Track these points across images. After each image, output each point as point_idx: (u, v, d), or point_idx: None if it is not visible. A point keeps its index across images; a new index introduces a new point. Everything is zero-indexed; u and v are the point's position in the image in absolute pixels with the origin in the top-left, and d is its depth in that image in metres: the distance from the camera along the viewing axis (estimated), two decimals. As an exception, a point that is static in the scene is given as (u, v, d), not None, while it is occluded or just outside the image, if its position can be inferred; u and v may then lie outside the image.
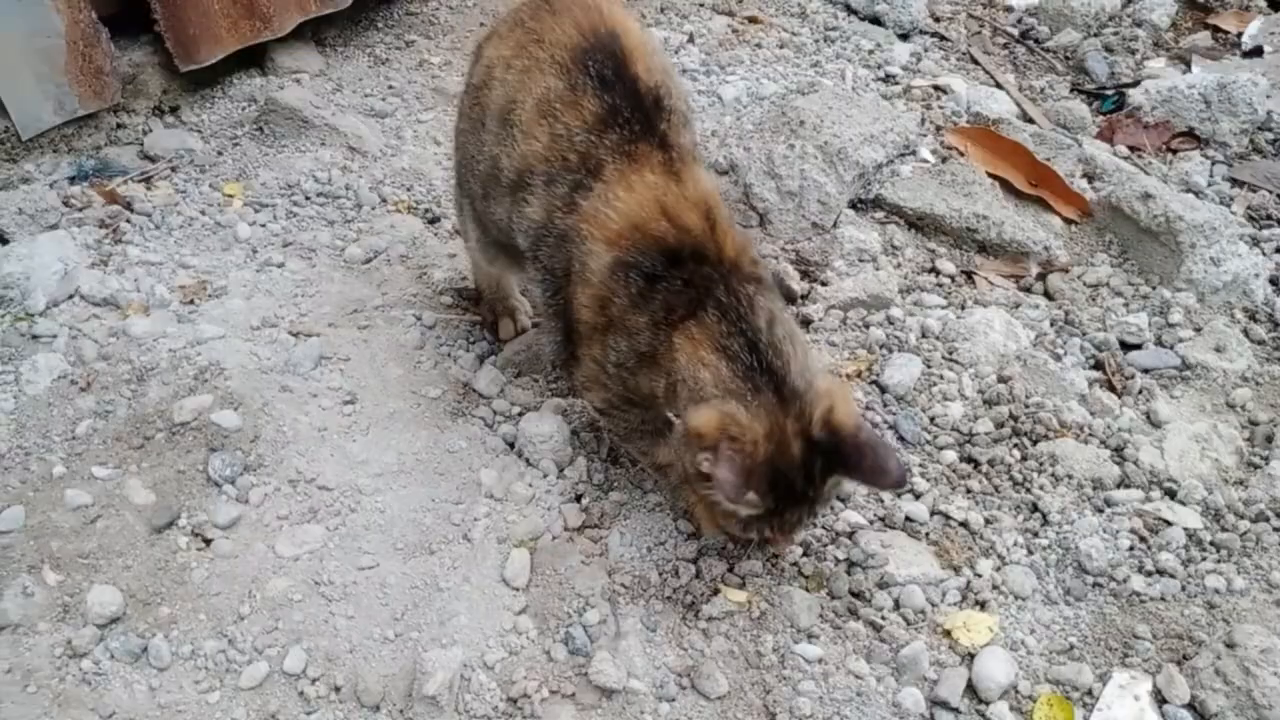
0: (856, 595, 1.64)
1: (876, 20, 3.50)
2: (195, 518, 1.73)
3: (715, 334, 1.47)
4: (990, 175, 2.52)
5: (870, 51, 3.28)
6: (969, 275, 2.37)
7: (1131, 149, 2.86)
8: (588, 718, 1.47)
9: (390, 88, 3.08)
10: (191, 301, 2.16)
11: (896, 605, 1.63)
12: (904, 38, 3.44)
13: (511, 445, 1.89)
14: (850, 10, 3.56)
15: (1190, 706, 1.47)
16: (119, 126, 2.77)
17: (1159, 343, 2.15)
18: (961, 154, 2.62)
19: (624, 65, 1.63)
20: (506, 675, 1.53)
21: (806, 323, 2.20)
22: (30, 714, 1.48)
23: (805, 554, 1.70)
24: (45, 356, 1.95)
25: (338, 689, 1.51)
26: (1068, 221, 2.50)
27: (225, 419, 1.86)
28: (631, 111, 1.60)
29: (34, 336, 2.01)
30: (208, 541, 1.70)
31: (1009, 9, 3.72)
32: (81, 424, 1.85)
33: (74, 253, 2.20)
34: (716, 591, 1.64)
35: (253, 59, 3.06)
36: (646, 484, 1.82)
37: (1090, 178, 2.68)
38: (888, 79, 3.14)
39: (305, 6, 3.09)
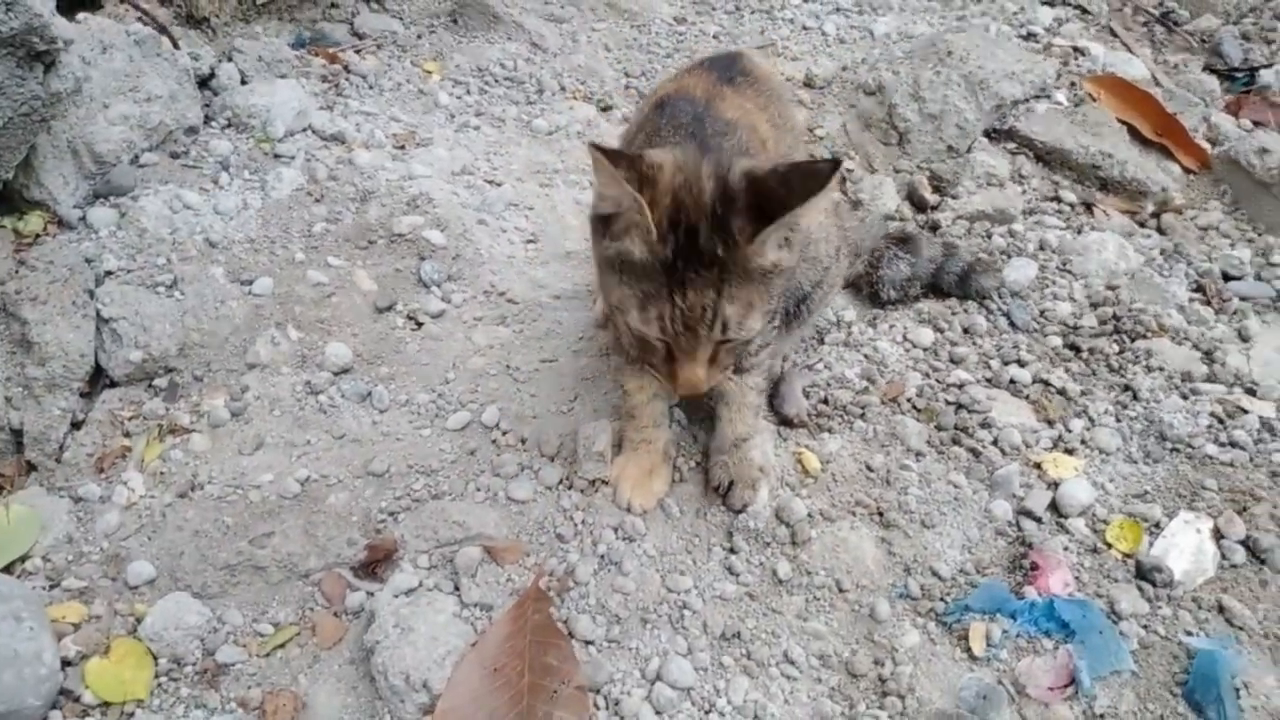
0: (961, 429, 1.90)
1: (1024, -10, 3.69)
2: (410, 305, 2.07)
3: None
4: (1119, 120, 2.73)
5: (1014, 12, 3.48)
6: (1088, 206, 2.58)
7: (1256, 124, 3.01)
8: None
9: None
10: (403, 147, 2.51)
11: (995, 441, 1.88)
12: (1048, 4, 3.62)
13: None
14: (1000, -19, 3.75)
15: (1244, 544, 1.70)
16: (332, 5, 3.13)
17: (1258, 278, 2.35)
18: (1094, 99, 2.83)
19: None
20: (658, 454, 1.83)
21: (934, 228, 2.45)
22: (276, 429, 1.84)
23: (919, 394, 1.97)
24: (286, 170, 2.31)
25: (523, 440, 1.84)
26: (1187, 171, 2.69)
27: (433, 236, 2.20)
28: None
29: (275, 155, 2.38)
30: (419, 324, 2.05)
31: (1152, -10, 3.86)
32: (316, 225, 2.21)
33: (304, 97, 2.56)
34: (846, 417, 1.92)
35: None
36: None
37: (1213, 142, 2.85)
38: (1029, 37, 3.33)
39: (503, -82, 3.42)
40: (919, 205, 2.54)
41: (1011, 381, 2.01)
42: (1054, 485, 1.80)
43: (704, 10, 3.33)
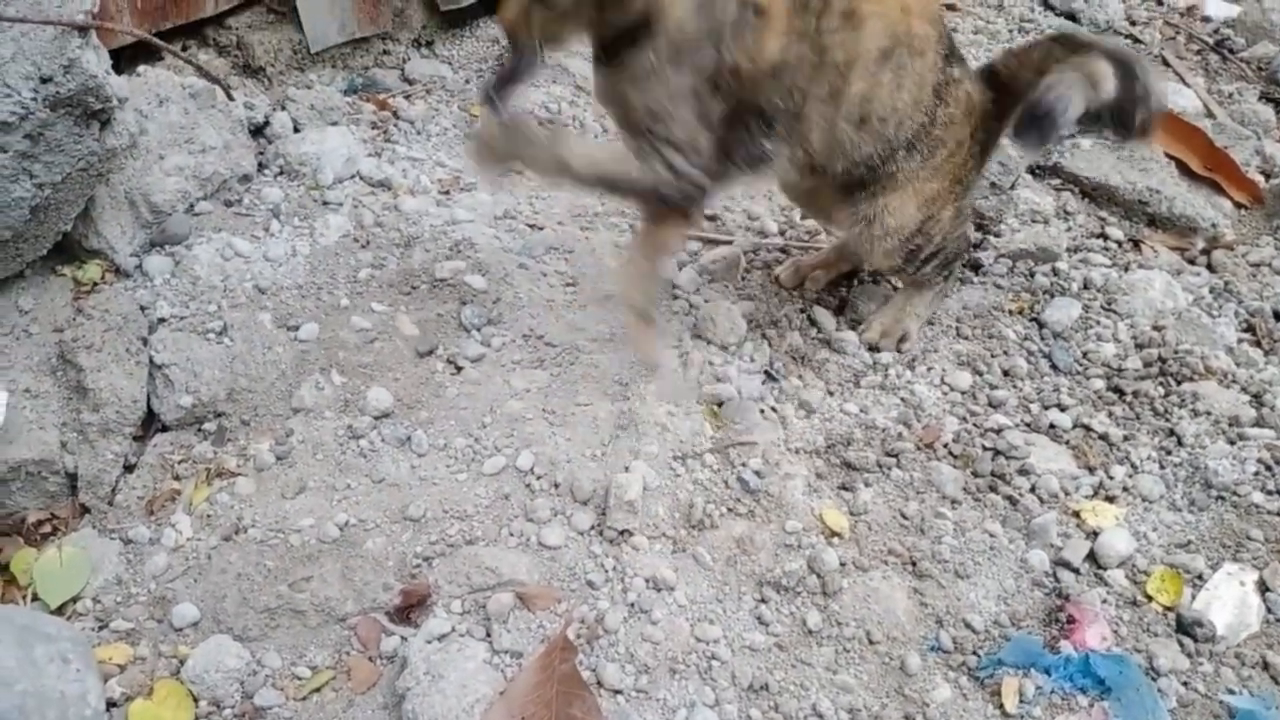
0: (998, 476, 1.88)
1: (1072, 16, 3.65)
2: (450, 349, 2.12)
3: None
4: (1167, 155, 2.68)
5: (1063, 44, 3.45)
6: (1135, 243, 2.54)
7: (1314, 154, 2.94)
8: (756, 527, 1.77)
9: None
10: (447, 192, 2.57)
11: (1033, 488, 1.86)
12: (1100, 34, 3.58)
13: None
14: (1047, 5, 3.72)
15: (1292, 598, 1.66)
16: (385, 52, 3.22)
17: (1313, 317, 2.29)
18: (1141, 134, 2.78)
19: None
20: (687, 497, 1.84)
21: (976, 267, 2.44)
22: (318, 473, 1.89)
23: (956, 439, 1.95)
24: (334, 217, 2.38)
25: (556, 485, 1.86)
26: (1238, 205, 2.64)
27: (475, 281, 2.25)
28: None
29: (324, 202, 2.45)
30: (459, 369, 2.09)
31: (1206, 19, 3.80)
32: (361, 271, 2.27)
33: (354, 144, 2.64)
34: (880, 464, 1.91)
35: (496, 6, 3.48)
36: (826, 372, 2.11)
37: (1267, 174, 2.80)
38: (1076, 69, 3.30)
39: (548, -37, 3.49)
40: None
41: (1051, 426, 1.99)
42: (1093, 534, 1.77)
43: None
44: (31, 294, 2.10)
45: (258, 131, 2.66)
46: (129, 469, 1.91)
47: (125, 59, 2.56)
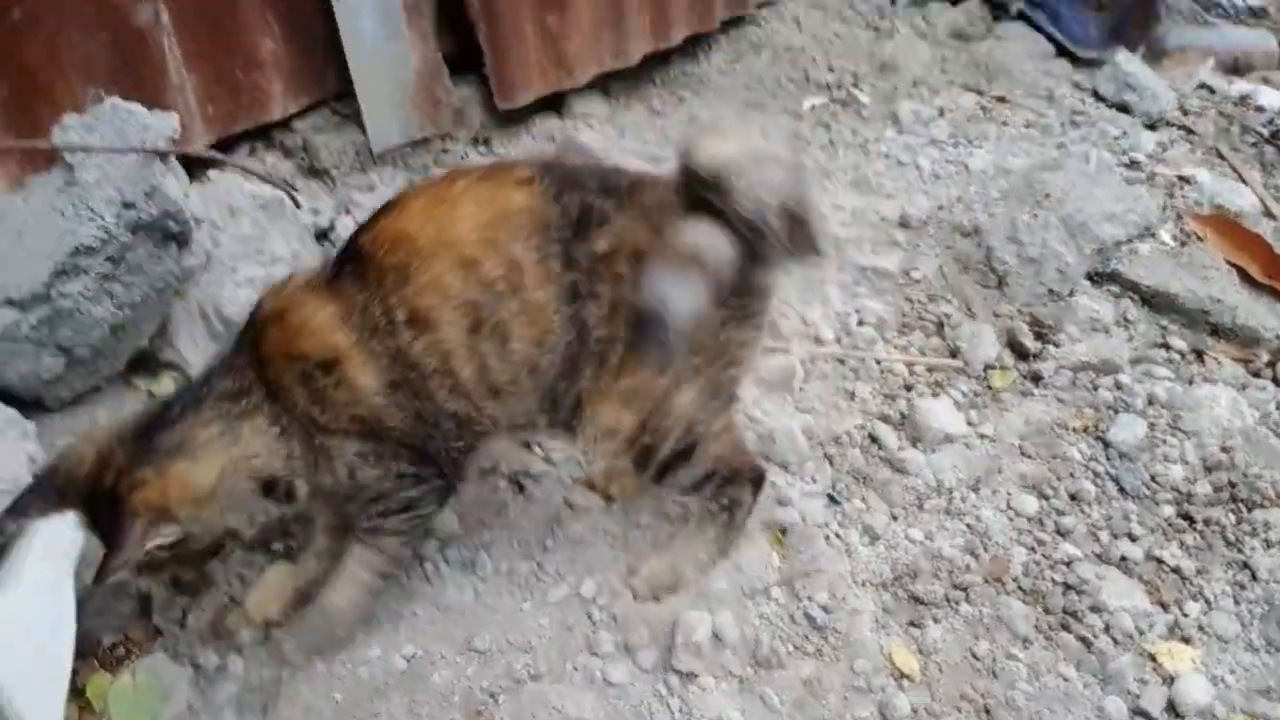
0: (1070, 614, 1.85)
1: (1124, 108, 3.66)
2: (512, 466, 2.13)
3: None
4: (1228, 262, 2.66)
5: (1116, 138, 3.45)
6: (1199, 354, 2.51)
7: (1379, 254, 2.91)
8: (824, 667, 1.75)
9: (666, 137, 3.50)
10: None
11: (1107, 628, 1.83)
12: (1151, 128, 3.58)
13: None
14: (1098, 97, 3.73)
15: (1383, 754, 1.61)
16: (444, 151, 3.29)
17: (1388, 436, 2.24)
18: (1200, 239, 2.77)
19: None
20: (753, 633, 1.82)
21: (1037, 378, 2.42)
22: (385, 598, 1.90)
23: (1025, 572, 1.93)
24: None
25: (615, 618, 1.85)
26: (1303, 315, 2.60)
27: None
28: None
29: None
30: (521, 487, 2.10)
31: (1260, 109, 3.78)
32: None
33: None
34: (948, 599, 1.89)
35: (552, 104, 3.55)
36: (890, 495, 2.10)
37: (1332, 278, 2.76)
38: (1132, 164, 3.29)
39: (601, 61, 3.57)
40: (1020, 353, 2.51)
41: (1123, 558, 1.95)
42: (1170, 680, 1.73)
43: (799, 146, 3.39)
44: (108, 406, 2.15)
45: (323, 235, 2.72)
46: (198, 591, 1.93)
47: (194, 163, 2.63)
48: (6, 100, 2.36)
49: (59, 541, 1.82)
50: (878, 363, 2.44)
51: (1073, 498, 2.10)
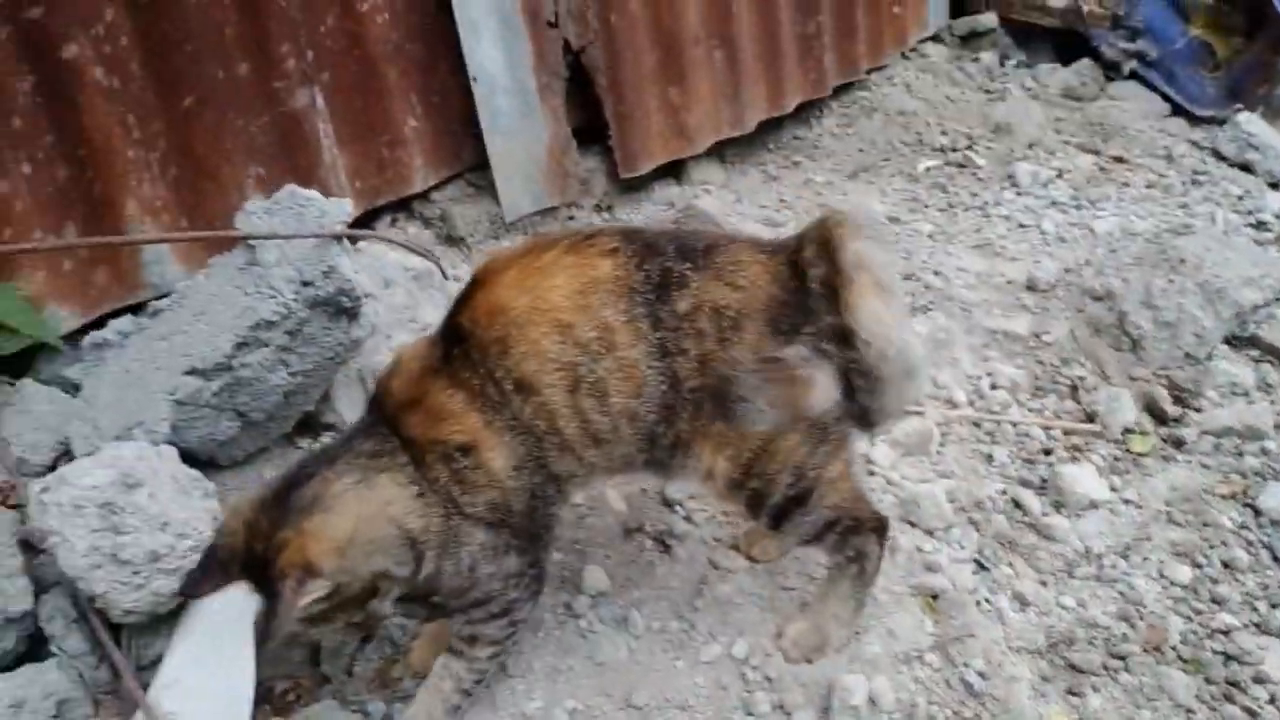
0: (1233, 684, 1.82)
1: (1246, 168, 3.62)
2: (656, 526, 2.19)
3: None
4: (1374, 327, 2.61)
5: (1239, 197, 3.41)
6: (1346, 419, 2.46)
7: None
8: (986, 738, 1.75)
9: (782, 201, 3.58)
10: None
11: (1272, 700, 1.79)
12: (1275, 187, 3.53)
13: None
14: (1219, 156, 3.70)
15: None
16: (569, 219, 3.42)
17: None
18: (1342, 303, 2.72)
19: None
20: (909, 699, 1.83)
21: (1179, 444, 2.39)
22: (540, 651, 1.96)
23: (1184, 641, 1.90)
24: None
25: (769, 679, 1.88)
26: None
27: (675, 456, 2.32)
28: None
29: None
30: (666, 547, 2.15)
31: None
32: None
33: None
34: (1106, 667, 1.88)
35: (670, 171, 3.66)
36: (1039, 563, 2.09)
37: None
38: (1259, 225, 3.25)
39: (719, 129, 3.68)
40: (1159, 417, 2.48)
41: (1284, 628, 1.92)
42: (1345, 757, 1.69)
43: (916, 208, 3.43)
44: (274, 465, 2.27)
45: (463, 302, 2.85)
46: (365, 639, 2.02)
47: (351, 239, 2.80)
48: (176, 180, 2.56)
49: (239, 589, 1.95)
50: (1013, 426, 2.45)
51: (1226, 566, 2.07)
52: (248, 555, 1.59)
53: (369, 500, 1.64)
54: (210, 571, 1.63)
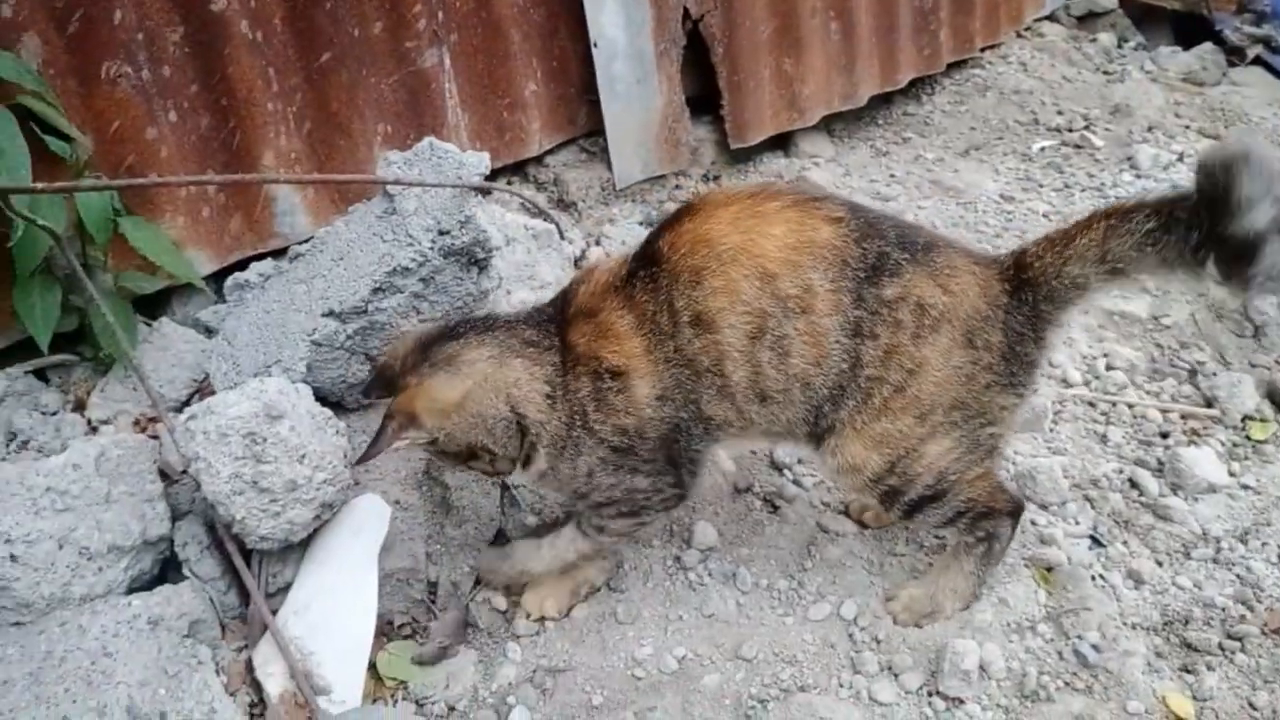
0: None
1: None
2: (765, 488, 2.22)
3: None
4: None
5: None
6: None
7: None
8: (1095, 705, 1.75)
9: (892, 176, 3.56)
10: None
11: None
12: None
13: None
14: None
15: None
16: (677, 187, 3.45)
17: None
18: None
19: None
20: (1020, 668, 1.83)
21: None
22: (650, 600, 2.01)
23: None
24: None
25: (877, 640, 1.90)
26: None
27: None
28: None
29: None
30: (775, 508, 2.18)
31: None
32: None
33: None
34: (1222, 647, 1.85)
35: (778, 143, 3.67)
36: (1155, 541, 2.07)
37: None
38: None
39: (830, 102, 3.67)
40: (1281, 406, 2.43)
41: None
42: None
43: (1031, 188, 3.38)
44: (395, 411, 2.36)
45: (576, 263, 2.90)
46: (478, 582, 2.10)
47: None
48: (310, 133, 2.66)
49: (366, 523, 2.03)
50: (1130, 407, 2.41)
51: (1351, 556, 2.02)
52: (390, 382, 1.74)
53: (493, 379, 1.72)
54: (375, 383, 1.80)
